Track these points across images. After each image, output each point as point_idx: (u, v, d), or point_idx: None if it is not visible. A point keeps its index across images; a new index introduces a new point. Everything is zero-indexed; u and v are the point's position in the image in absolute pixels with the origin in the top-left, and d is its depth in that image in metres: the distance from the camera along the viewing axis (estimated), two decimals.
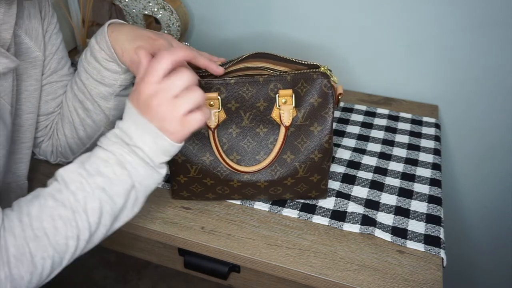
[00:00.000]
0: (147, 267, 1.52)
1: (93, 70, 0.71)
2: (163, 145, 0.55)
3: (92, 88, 0.72)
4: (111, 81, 0.71)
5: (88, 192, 0.53)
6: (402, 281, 0.64)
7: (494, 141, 1.05)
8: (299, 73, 0.67)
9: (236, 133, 0.70)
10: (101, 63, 0.70)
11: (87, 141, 0.79)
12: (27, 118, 0.71)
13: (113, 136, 0.56)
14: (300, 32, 1.07)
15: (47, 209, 0.52)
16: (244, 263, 0.70)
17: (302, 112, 0.68)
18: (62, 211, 0.52)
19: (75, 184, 0.54)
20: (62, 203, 0.53)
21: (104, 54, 0.69)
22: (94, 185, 0.54)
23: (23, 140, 0.71)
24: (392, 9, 0.97)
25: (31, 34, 0.69)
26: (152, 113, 0.54)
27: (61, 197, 0.53)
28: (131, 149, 0.55)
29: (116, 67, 0.70)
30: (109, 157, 0.55)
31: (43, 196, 0.53)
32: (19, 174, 0.72)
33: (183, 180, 0.72)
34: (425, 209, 0.75)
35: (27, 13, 0.69)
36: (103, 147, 0.56)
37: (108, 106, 0.74)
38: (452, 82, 1.01)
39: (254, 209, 0.76)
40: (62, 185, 0.54)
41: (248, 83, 0.67)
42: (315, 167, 0.70)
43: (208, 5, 1.12)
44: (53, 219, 0.52)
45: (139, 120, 0.55)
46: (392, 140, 0.92)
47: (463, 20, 0.93)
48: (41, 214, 0.52)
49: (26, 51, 0.69)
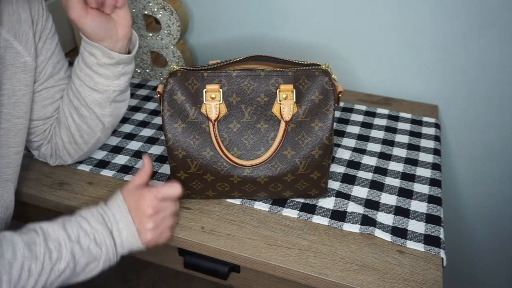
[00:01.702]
0: (147, 267, 1.53)
1: (85, 77, 0.71)
2: (134, 245, 0.65)
3: (86, 96, 0.72)
4: (105, 87, 0.71)
5: (62, 254, 0.59)
6: (402, 281, 0.64)
7: (494, 141, 1.05)
8: (300, 70, 0.68)
9: (237, 128, 0.70)
10: (93, 68, 0.70)
11: (84, 146, 0.79)
12: (16, 123, 0.70)
13: (99, 215, 0.63)
14: (300, 32, 1.07)
15: (20, 258, 0.56)
16: (244, 263, 0.70)
17: (303, 108, 0.69)
18: (33, 265, 0.56)
19: (54, 243, 0.59)
20: (36, 257, 0.57)
21: (93, 59, 0.69)
22: (70, 251, 0.59)
23: (12, 145, 0.70)
24: (392, 9, 0.97)
25: (21, 38, 0.68)
26: (140, 218, 0.65)
27: (36, 250, 0.57)
28: (111, 235, 0.63)
29: (107, 71, 0.70)
30: (91, 233, 0.61)
31: (19, 243, 0.57)
32: (6, 179, 0.71)
33: (184, 176, 0.72)
34: (425, 209, 0.75)
35: (17, 17, 0.68)
36: (88, 221, 0.62)
37: (103, 113, 0.74)
38: (452, 82, 1.01)
39: (254, 209, 0.76)
40: (41, 237, 0.59)
41: (249, 77, 0.68)
42: (315, 164, 0.70)
43: (208, 5, 1.12)
44: (22, 269, 0.56)
45: (127, 217, 0.64)
46: (392, 140, 0.92)
47: (463, 20, 0.93)
48: (13, 260, 0.55)
49: (15, 56, 0.68)
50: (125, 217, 0.64)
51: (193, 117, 0.69)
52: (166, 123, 0.69)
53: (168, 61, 1.12)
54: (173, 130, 0.69)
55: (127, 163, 0.86)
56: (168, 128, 0.69)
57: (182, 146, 0.70)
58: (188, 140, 0.69)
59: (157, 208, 0.65)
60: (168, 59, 1.11)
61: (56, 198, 0.79)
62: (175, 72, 0.69)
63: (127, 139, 0.93)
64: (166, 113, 0.69)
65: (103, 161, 0.86)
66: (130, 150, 0.90)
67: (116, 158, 0.87)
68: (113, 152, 0.89)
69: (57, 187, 0.81)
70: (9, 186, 0.72)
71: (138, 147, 0.90)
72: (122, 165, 0.86)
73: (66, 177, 0.83)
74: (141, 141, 0.92)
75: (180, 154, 0.70)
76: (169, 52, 1.10)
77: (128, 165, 0.86)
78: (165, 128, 0.69)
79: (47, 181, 0.82)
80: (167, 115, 0.69)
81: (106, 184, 0.82)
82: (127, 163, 0.86)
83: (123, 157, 0.88)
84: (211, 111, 0.68)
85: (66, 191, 0.80)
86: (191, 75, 0.68)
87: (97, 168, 0.85)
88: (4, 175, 0.70)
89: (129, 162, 0.86)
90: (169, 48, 1.09)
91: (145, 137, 0.94)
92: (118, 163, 0.86)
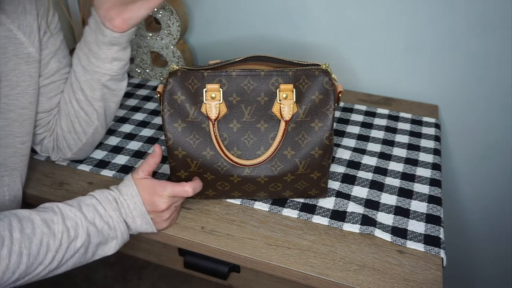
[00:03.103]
0: (147, 267, 1.53)
1: (83, 56, 0.73)
2: (147, 231, 0.69)
3: (80, 76, 0.74)
4: (95, 68, 0.73)
5: (79, 233, 0.61)
6: (402, 281, 0.64)
7: (494, 141, 1.05)
8: (300, 69, 0.68)
9: (237, 128, 0.70)
10: (90, 46, 0.72)
11: (83, 136, 0.79)
12: (20, 113, 0.71)
13: (114, 201, 0.66)
14: (300, 32, 1.07)
15: (39, 234, 0.58)
16: (244, 263, 0.70)
17: (303, 108, 0.69)
18: (51, 241, 0.59)
19: (71, 222, 0.61)
20: (54, 234, 0.59)
21: (93, 35, 0.71)
22: (86, 231, 0.62)
23: (17, 135, 0.72)
24: (392, 9, 0.97)
25: (25, 30, 0.69)
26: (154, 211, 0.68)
27: (54, 227, 0.60)
28: (125, 222, 0.67)
29: (101, 52, 0.71)
30: (105, 216, 0.64)
31: (37, 220, 0.60)
32: (13, 167, 0.73)
33: (184, 175, 0.72)
34: (425, 209, 0.75)
35: (22, 8, 0.69)
36: (102, 205, 0.65)
37: (93, 96, 0.75)
38: (452, 82, 1.01)
39: (254, 209, 0.76)
40: (59, 216, 0.61)
41: (249, 76, 0.68)
42: (315, 163, 0.70)
43: (208, 5, 1.12)
44: (41, 245, 0.58)
45: (141, 208, 0.67)
46: (392, 140, 0.92)
47: (463, 20, 0.93)
48: (32, 236, 0.58)
49: (18, 47, 0.69)
50: (139, 208, 0.67)
51: (193, 116, 0.69)
52: (166, 123, 0.69)
53: (168, 61, 1.12)
54: (173, 130, 0.69)
55: (127, 163, 0.86)
56: (168, 128, 0.69)
57: (182, 145, 0.70)
58: (188, 139, 0.69)
59: (169, 204, 0.68)
60: (168, 59, 1.11)
61: (56, 198, 0.79)
62: (175, 71, 0.69)
63: (127, 139, 0.93)
64: (166, 112, 0.69)
65: (103, 161, 0.86)
66: (130, 150, 0.90)
67: (116, 158, 0.87)
68: (113, 152, 0.89)
69: (57, 187, 0.81)
70: (16, 175, 0.73)
71: (138, 147, 0.90)
72: (122, 165, 0.86)
73: (66, 177, 0.83)
74: (141, 141, 0.92)
75: (180, 153, 0.70)
76: (169, 52, 1.10)
77: (128, 165, 0.86)
78: (165, 128, 0.69)
79: (47, 181, 0.82)
80: (167, 114, 0.69)
81: (106, 184, 0.82)
82: (127, 163, 0.86)
83: (123, 157, 0.88)
84: (211, 110, 0.68)
85: (66, 191, 0.80)
86: (191, 74, 0.68)
87: (97, 168, 0.85)
88: (10, 163, 0.72)
89: (129, 162, 0.86)
90: (169, 48, 1.09)
91: (145, 137, 0.94)
92: (118, 163, 0.86)
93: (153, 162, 0.69)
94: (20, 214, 0.60)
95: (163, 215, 0.69)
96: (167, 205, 0.68)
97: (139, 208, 0.67)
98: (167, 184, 0.67)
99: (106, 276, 1.50)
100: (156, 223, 0.69)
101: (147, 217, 0.67)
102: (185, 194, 0.68)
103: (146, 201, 0.67)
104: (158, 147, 0.70)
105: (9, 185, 0.73)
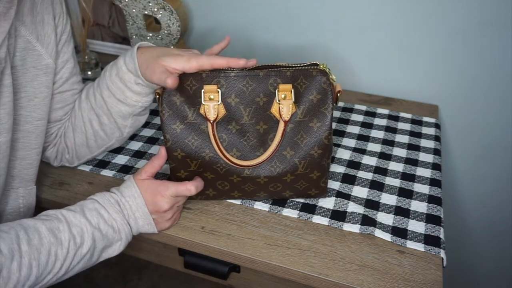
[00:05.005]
0: (147, 267, 1.53)
1: (117, 90, 0.71)
2: (149, 231, 0.69)
3: (112, 106, 0.73)
4: (133, 102, 0.72)
5: (84, 239, 0.62)
6: (402, 281, 0.64)
7: (493, 141, 1.05)
8: (298, 69, 0.68)
9: (236, 130, 0.70)
10: (127, 84, 0.70)
11: (96, 150, 0.79)
12: (37, 125, 0.71)
13: (116, 203, 0.66)
14: (300, 32, 1.07)
15: (46, 244, 0.59)
16: (244, 263, 0.70)
17: (301, 108, 0.69)
18: (59, 250, 0.59)
19: (77, 229, 0.62)
20: (61, 242, 0.60)
21: (131, 76, 0.69)
22: (91, 236, 0.62)
23: (33, 146, 0.71)
24: (391, 9, 0.97)
25: (43, 41, 0.69)
26: (157, 211, 0.68)
27: (61, 236, 0.60)
28: (128, 224, 0.67)
29: (140, 89, 0.70)
30: (109, 220, 0.65)
31: (43, 230, 0.59)
32: (28, 179, 0.73)
33: (184, 175, 0.72)
34: (425, 209, 0.75)
35: (40, 19, 0.68)
36: (106, 208, 0.65)
37: (124, 124, 0.75)
38: (452, 82, 1.01)
39: (254, 209, 0.76)
40: (64, 224, 0.61)
41: (248, 77, 0.68)
42: (314, 163, 0.70)
43: (208, 5, 1.12)
44: (49, 255, 0.58)
45: (143, 209, 0.67)
46: (392, 140, 0.92)
47: (463, 20, 0.93)
48: (40, 246, 0.58)
49: (36, 58, 0.68)
50: (141, 209, 0.67)
51: (192, 118, 0.69)
52: (165, 124, 0.69)
53: None
54: (172, 131, 0.69)
55: (127, 163, 0.86)
56: (167, 129, 0.69)
57: (181, 147, 0.69)
58: (187, 141, 0.69)
59: (172, 203, 0.69)
60: None
61: (56, 198, 0.79)
62: None
63: (127, 139, 0.93)
64: (165, 114, 0.69)
65: (103, 161, 0.86)
66: (130, 150, 0.90)
67: (116, 158, 0.87)
68: (113, 152, 0.89)
69: (57, 187, 0.81)
70: (31, 186, 0.74)
71: (138, 147, 0.90)
72: (122, 165, 0.86)
73: (66, 177, 0.83)
74: (141, 141, 0.92)
75: (179, 154, 0.70)
76: None
77: (128, 165, 0.86)
78: (164, 129, 0.69)
79: (47, 181, 0.82)
80: (166, 116, 0.69)
81: (106, 184, 0.82)
82: (127, 163, 0.86)
83: (123, 157, 0.88)
84: (210, 111, 0.68)
85: (66, 191, 0.80)
86: (190, 75, 0.68)
87: (97, 168, 0.85)
88: (26, 176, 0.72)
89: (129, 162, 0.86)
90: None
91: (145, 137, 0.94)
92: (118, 163, 0.86)
93: (158, 164, 0.69)
94: (26, 224, 0.59)
95: (165, 215, 0.69)
96: (170, 205, 0.68)
97: (141, 209, 0.67)
98: (170, 184, 0.68)
99: (106, 276, 1.50)
100: (158, 223, 0.69)
101: (149, 218, 0.67)
102: (188, 193, 0.68)
103: (149, 201, 0.67)
104: (163, 149, 0.70)
105: (24, 196, 0.73)
